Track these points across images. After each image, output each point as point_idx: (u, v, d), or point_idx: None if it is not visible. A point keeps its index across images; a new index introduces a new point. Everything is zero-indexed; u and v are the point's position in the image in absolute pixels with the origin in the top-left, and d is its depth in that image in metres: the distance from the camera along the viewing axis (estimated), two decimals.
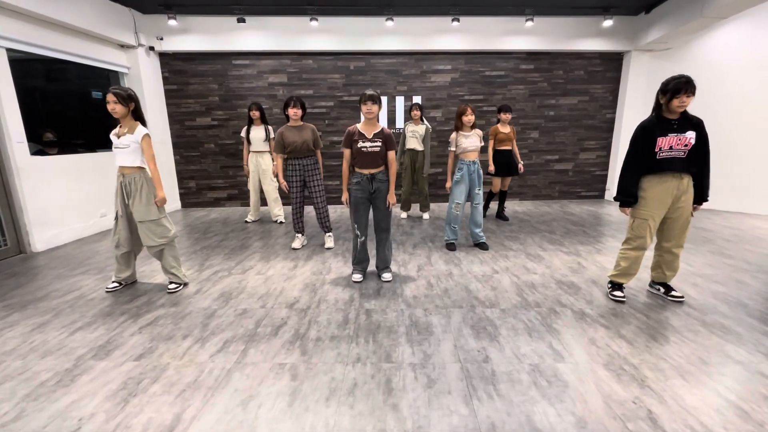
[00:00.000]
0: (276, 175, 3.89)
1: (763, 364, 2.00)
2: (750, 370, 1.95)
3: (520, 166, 5.04)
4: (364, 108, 2.85)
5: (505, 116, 4.82)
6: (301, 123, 3.75)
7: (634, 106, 6.27)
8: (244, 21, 5.45)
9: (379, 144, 2.89)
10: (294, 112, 3.67)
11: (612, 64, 6.35)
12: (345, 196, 3.07)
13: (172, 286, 2.98)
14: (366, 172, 2.94)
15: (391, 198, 3.00)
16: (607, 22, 5.69)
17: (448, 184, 3.86)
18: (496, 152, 4.87)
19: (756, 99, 5.27)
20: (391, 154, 2.96)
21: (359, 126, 2.94)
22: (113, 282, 3.03)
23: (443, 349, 2.15)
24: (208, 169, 6.41)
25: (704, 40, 5.63)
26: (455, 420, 1.62)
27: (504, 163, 4.87)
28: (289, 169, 3.79)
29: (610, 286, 2.84)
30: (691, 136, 2.44)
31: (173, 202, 6.33)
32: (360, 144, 2.88)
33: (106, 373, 1.98)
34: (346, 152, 2.97)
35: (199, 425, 1.61)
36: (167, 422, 1.63)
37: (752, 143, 5.37)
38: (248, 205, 6.41)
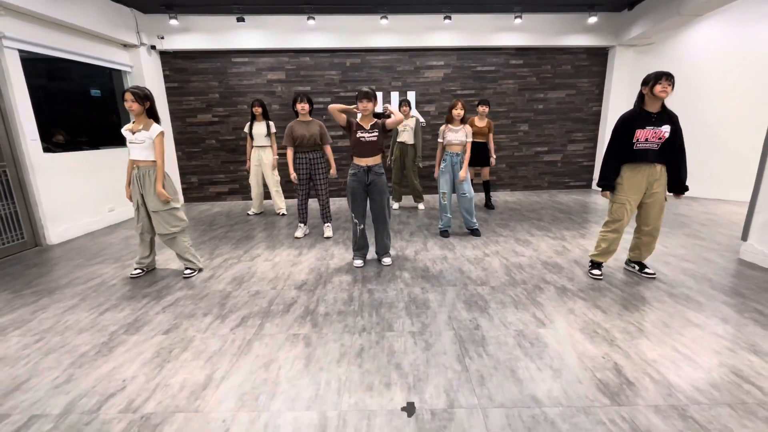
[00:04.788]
0: (285, 168, 4.10)
1: (718, 326, 2.29)
2: (706, 331, 2.24)
3: (492, 159, 5.35)
4: (360, 106, 3.08)
5: (482, 109, 5.07)
6: (310, 118, 3.98)
7: (619, 99, 6.55)
8: (243, 20, 5.63)
9: (376, 134, 3.14)
10: (302, 107, 3.90)
11: (597, 59, 6.62)
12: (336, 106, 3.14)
13: (188, 271, 3.22)
14: (363, 163, 3.18)
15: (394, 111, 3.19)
16: (592, 19, 5.95)
17: (436, 174, 4.16)
18: None
19: (734, 92, 5.56)
20: (388, 121, 3.17)
21: (358, 118, 3.19)
22: (136, 269, 3.25)
23: (439, 320, 2.42)
24: (210, 165, 6.60)
25: (686, 35, 5.91)
26: (450, 374, 1.89)
27: (473, 155, 5.04)
28: (297, 161, 4.03)
29: (590, 264, 3.12)
30: (666, 130, 2.70)
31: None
32: (359, 134, 3.12)
33: (139, 345, 2.22)
34: (344, 116, 3.14)
35: (229, 383, 1.86)
36: (200, 381, 1.88)
37: (730, 134, 5.66)
38: (250, 198, 6.63)
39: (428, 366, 1.96)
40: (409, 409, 1.66)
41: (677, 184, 2.81)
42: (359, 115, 3.20)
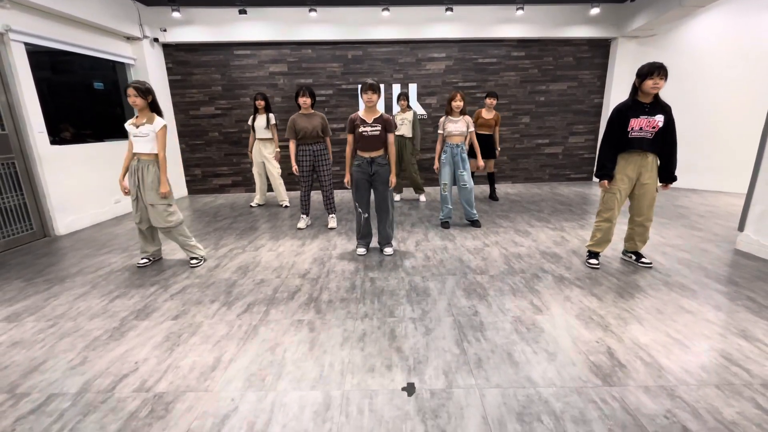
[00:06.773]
0: (286, 160, 4.16)
1: (710, 313, 2.35)
2: (698, 317, 2.30)
3: (497, 151, 5.41)
4: (364, 97, 3.12)
5: (490, 101, 5.11)
6: (312, 111, 4.02)
7: (621, 91, 6.54)
8: (245, 12, 5.64)
9: (379, 128, 3.18)
10: (303, 101, 3.95)
11: (599, 51, 6.61)
12: (347, 178, 3.35)
13: (194, 261, 3.30)
14: (367, 155, 3.24)
15: (392, 178, 3.29)
16: (594, 10, 5.92)
17: (436, 165, 4.17)
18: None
19: (735, 84, 5.55)
20: (390, 137, 3.25)
21: (360, 113, 3.23)
22: (143, 258, 3.33)
23: (439, 307, 2.49)
24: (213, 157, 6.66)
25: (688, 27, 5.88)
26: (449, 357, 1.97)
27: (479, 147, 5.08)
28: (300, 154, 4.08)
29: (587, 254, 3.18)
30: (659, 119, 2.75)
31: (180, 189, 6.60)
32: (361, 129, 3.17)
33: (149, 330, 2.31)
34: (350, 137, 3.26)
35: (237, 365, 1.95)
36: (209, 363, 1.96)
37: (731, 126, 5.66)
38: (253, 191, 6.70)
39: (428, 349, 2.03)
40: (410, 389, 1.74)
41: (666, 174, 2.86)
42: (362, 109, 3.25)
